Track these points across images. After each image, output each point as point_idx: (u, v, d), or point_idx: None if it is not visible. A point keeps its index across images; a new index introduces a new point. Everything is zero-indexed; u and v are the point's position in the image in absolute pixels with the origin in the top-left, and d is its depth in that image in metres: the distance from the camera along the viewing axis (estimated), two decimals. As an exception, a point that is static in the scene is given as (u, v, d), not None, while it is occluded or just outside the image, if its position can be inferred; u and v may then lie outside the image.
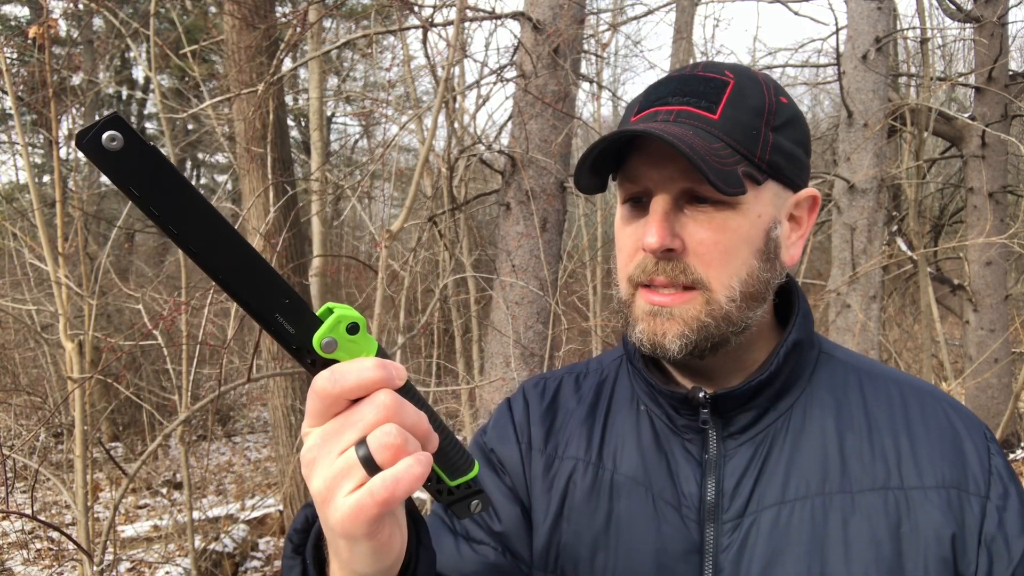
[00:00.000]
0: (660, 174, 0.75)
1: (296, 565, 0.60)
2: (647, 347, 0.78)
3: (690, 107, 0.76)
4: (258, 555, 5.70)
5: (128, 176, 0.44)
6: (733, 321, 0.77)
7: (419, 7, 3.68)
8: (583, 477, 0.86)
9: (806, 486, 0.77)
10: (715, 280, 0.76)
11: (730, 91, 0.77)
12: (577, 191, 6.74)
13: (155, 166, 0.45)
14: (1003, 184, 6.16)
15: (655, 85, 0.81)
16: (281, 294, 0.49)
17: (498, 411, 0.98)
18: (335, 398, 0.51)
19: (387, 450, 0.50)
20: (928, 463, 0.76)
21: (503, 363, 3.47)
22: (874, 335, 4.14)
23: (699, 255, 0.75)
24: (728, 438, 0.80)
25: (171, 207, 0.46)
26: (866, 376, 0.84)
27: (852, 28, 4.21)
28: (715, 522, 0.78)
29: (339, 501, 0.51)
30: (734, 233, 0.76)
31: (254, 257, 0.48)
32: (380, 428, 0.50)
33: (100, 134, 0.43)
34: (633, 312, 0.79)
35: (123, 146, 0.43)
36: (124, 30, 3.87)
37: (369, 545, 0.53)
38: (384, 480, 0.50)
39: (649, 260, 0.76)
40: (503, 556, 0.85)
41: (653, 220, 0.75)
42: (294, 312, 0.50)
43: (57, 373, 6.74)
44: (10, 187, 9.85)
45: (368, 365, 0.51)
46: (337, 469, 0.51)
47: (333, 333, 0.50)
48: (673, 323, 0.76)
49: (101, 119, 0.43)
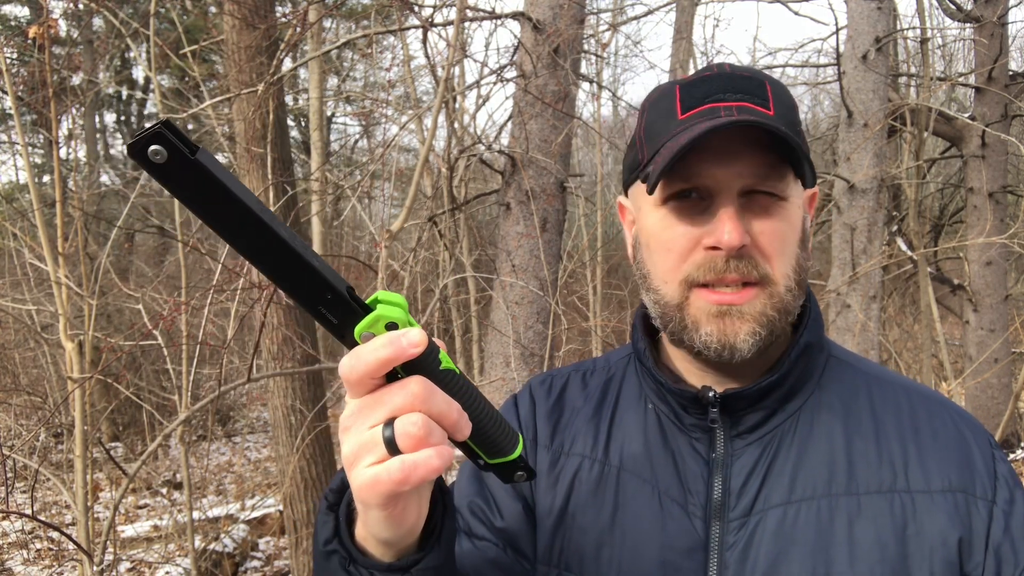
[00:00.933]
0: (727, 171, 0.74)
1: (329, 520, 0.64)
2: (715, 348, 0.76)
3: (747, 103, 0.76)
4: (258, 555, 5.70)
5: (174, 186, 0.47)
6: (789, 311, 0.78)
7: (419, 7, 3.68)
8: (589, 473, 0.86)
9: (812, 487, 0.77)
10: (777, 272, 0.76)
11: (771, 89, 0.78)
12: (585, 185, 6.70)
13: (199, 177, 0.46)
14: (1003, 184, 6.15)
15: (695, 83, 0.79)
16: (325, 290, 0.52)
17: (503, 407, 0.98)
18: (356, 380, 0.54)
19: (409, 439, 0.53)
20: (934, 468, 0.77)
21: (503, 363, 3.47)
22: (874, 335, 4.14)
23: (761, 248, 0.76)
24: (736, 437, 0.81)
25: (216, 215, 0.48)
26: (874, 381, 0.85)
27: (852, 28, 4.21)
28: (721, 520, 0.78)
29: (360, 470, 0.55)
30: (787, 224, 0.77)
31: (298, 258, 0.50)
32: (407, 416, 0.53)
33: (146, 147, 0.45)
34: (690, 314, 0.78)
35: (167, 159, 0.45)
36: (124, 30, 3.87)
37: (381, 514, 0.57)
38: (403, 464, 0.53)
39: (719, 259, 0.75)
40: (504, 552, 0.85)
41: (727, 218, 0.74)
42: (336, 305, 0.53)
43: (57, 373, 6.74)
44: (10, 187, 9.85)
45: (377, 345, 0.53)
46: (363, 441, 0.54)
47: (372, 329, 0.54)
48: (744, 322, 0.76)
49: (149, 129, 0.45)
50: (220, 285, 3.37)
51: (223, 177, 0.47)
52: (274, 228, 0.49)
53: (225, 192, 0.47)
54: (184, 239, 3.59)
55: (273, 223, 0.49)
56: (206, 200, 0.47)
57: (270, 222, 0.49)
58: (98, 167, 11.11)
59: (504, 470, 0.64)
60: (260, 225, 0.49)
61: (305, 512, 4.44)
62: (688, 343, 0.79)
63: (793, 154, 0.72)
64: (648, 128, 0.81)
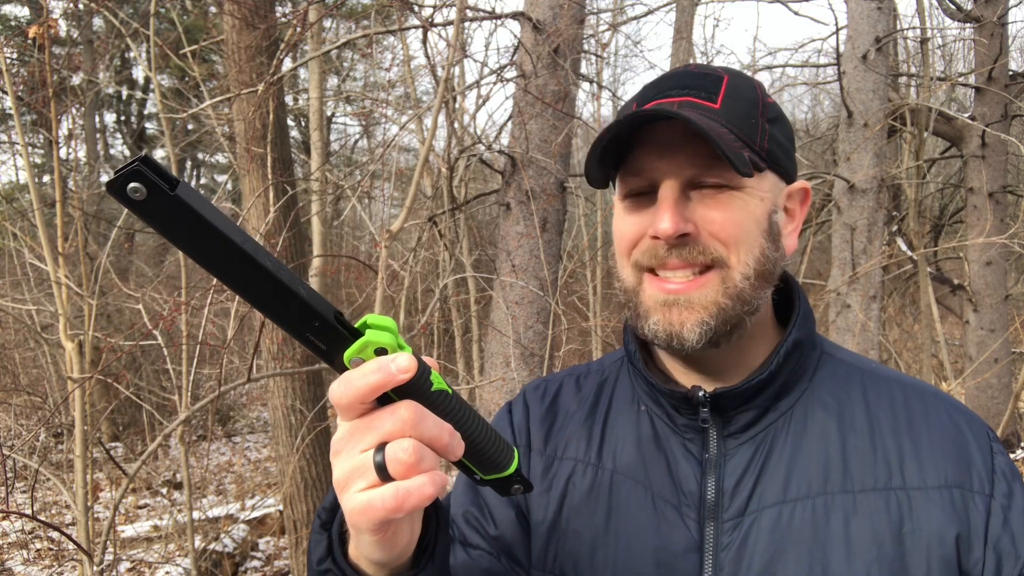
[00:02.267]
0: (668, 163, 0.76)
1: (323, 540, 0.64)
2: (662, 339, 0.77)
3: (692, 98, 0.77)
4: (258, 555, 5.70)
5: (155, 222, 0.46)
6: (747, 300, 0.77)
7: (419, 7, 3.68)
8: (582, 477, 0.86)
9: (807, 486, 0.77)
10: (733, 256, 0.76)
11: (726, 84, 0.79)
12: (578, 190, 6.65)
13: (179, 212, 0.46)
14: (1003, 184, 6.15)
15: (651, 83, 0.82)
16: (312, 318, 0.51)
17: (498, 415, 0.98)
18: (347, 406, 0.54)
19: (400, 465, 0.53)
20: (930, 463, 0.76)
21: (503, 363, 3.47)
22: (874, 335, 4.14)
23: (713, 234, 0.76)
24: (728, 437, 0.80)
25: (199, 249, 0.48)
26: (868, 377, 0.84)
27: (852, 28, 4.21)
28: (715, 521, 0.78)
29: (352, 495, 0.55)
30: (743, 211, 0.77)
31: (283, 287, 0.50)
32: (397, 443, 0.53)
33: (125, 184, 0.44)
34: (643, 302, 0.79)
35: (146, 196, 0.45)
36: (124, 30, 3.86)
37: (372, 538, 0.57)
38: (396, 491, 0.53)
39: (660, 247, 0.76)
40: (498, 560, 0.85)
41: (665, 207, 0.75)
42: (324, 333, 0.52)
43: (57, 373, 6.74)
44: (10, 187, 9.85)
45: (366, 371, 0.53)
46: (354, 465, 0.55)
47: (361, 355, 0.54)
48: (691, 311, 0.76)
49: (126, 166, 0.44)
50: (220, 285, 3.37)
51: (204, 211, 0.46)
52: (258, 259, 0.49)
53: (206, 226, 0.47)
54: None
55: (257, 254, 0.49)
56: (188, 234, 0.47)
57: (254, 253, 0.49)
58: (98, 167, 11.12)
59: (500, 485, 0.64)
60: (243, 257, 0.48)
61: (305, 512, 4.44)
62: (641, 331, 0.80)
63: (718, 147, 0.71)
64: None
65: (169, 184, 0.45)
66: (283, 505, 4.58)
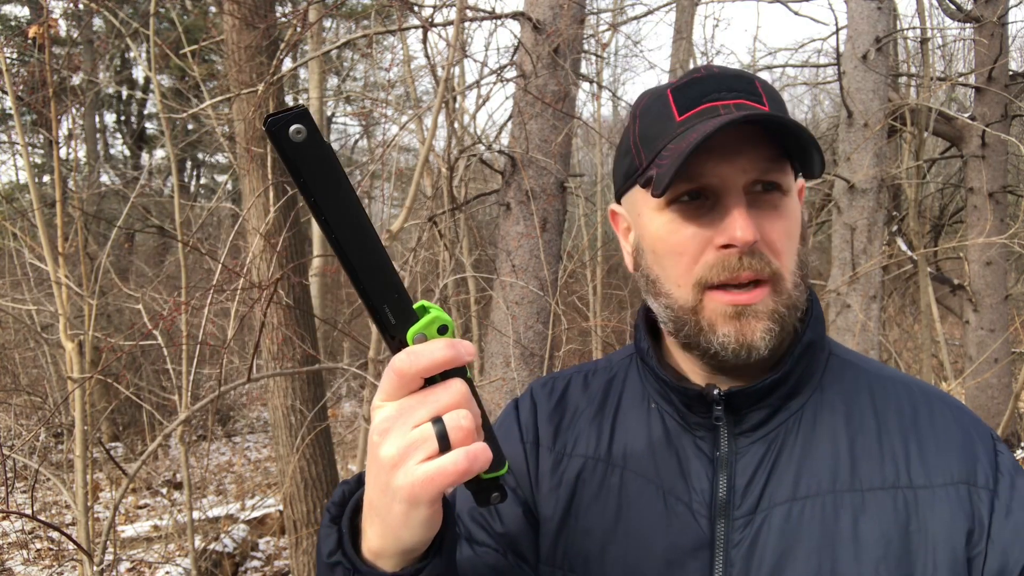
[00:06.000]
0: (731, 167, 0.75)
1: (333, 533, 0.64)
2: (733, 349, 0.76)
3: (743, 100, 0.76)
4: (258, 555, 5.70)
5: (300, 165, 0.50)
6: (797, 306, 0.78)
7: (419, 7, 3.68)
8: (592, 474, 0.86)
9: (817, 484, 0.77)
10: (785, 268, 0.77)
11: (761, 87, 0.79)
12: (586, 185, 6.69)
13: (326, 163, 0.50)
14: (1003, 184, 6.15)
15: (686, 84, 0.79)
16: (394, 291, 0.56)
17: (504, 411, 0.98)
18: (411, 376, 0.56)
19: (461, 431, 0.55)
20: (936, 462, 0.77)
21: (503, 363, 3.47)
22: (874, 335, 4.14)
23: (770, 244, 0.76)
24: (740, 435, 0.81)
25: (327, 201, 0.52)
26: (875, 379, 0.85)
27: (852, 28, 4.21)
28: (726, 518, 0.78)
29: (411, 467, 0.56)
30: (792, 219, 0.78)
31: (383, 257, 0.54)
32: (456, 412, 0.56)
33: (288, 124, 0.48)
34: (706, 317, 0.77)
35: (305, 139, 0.49)
36: (124, 30, 3.87)
37: (428, 512, 0.58)
38: (467, 454, 0.55)
39: (732, 257, 0.75)
40: (504, 558, 0.85)
41: (739, 215, 0.74)
42: (399, 307, 0.56)
43: (57, 373, 6.74)
44: (10, 187, 9.85)
45: (440, 345, 0.56)
46: (412, 439, 0.56)
47: (426, 330, 0.57)
48: (759, 320, 0.76)
49: (291, 109, 0.48)
50: (220, 285, 3.37)
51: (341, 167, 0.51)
52: (370, 225, 0.53)
53: (342, 180, 0.51)
54: (184, 239, 3.58)
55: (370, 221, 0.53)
56: (323, 185, 0.51)
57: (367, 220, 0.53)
58: (98, 167, 11.11)
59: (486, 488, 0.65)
60: (361, 218, 0.52)
61: (305, 512, 4.44)
62: (705, 346, 0.78)
63: (799, 142, 0.73)
64: (643, 133, 0.81)
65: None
66: (283, 505, 4.58)
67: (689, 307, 0.78)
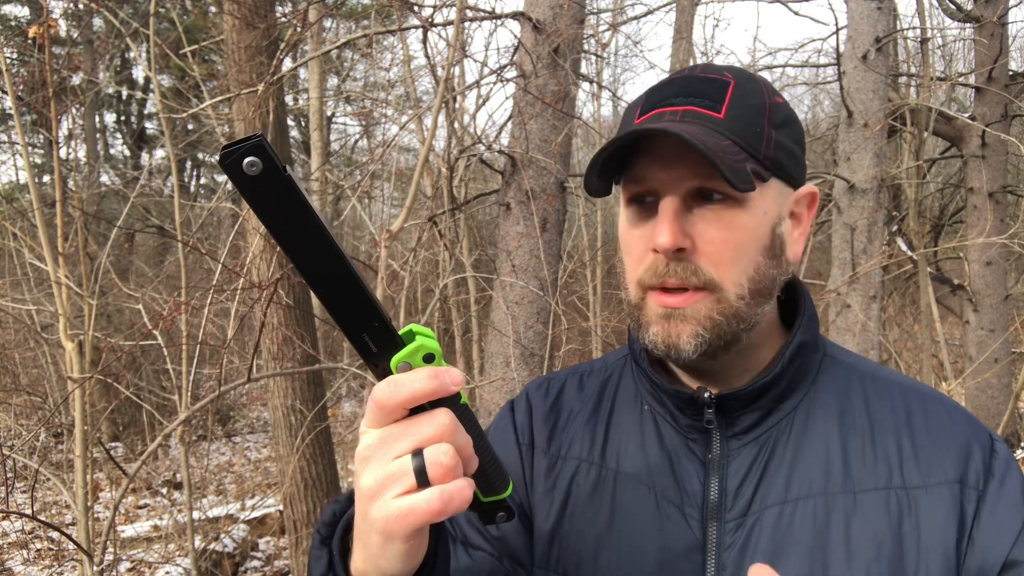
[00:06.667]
0: (669, 174, 0.75)
1: (323, 555, 0.64)
2: (661, 349, 0.78)
3: (695, 107, 0.76)
4: (258, 555, 5.70)
5: (259, 199, 0.47)
6: (743, 318, 0.77)
7: (419, 7, 3.68)
8: (586, 477, 0.86)
9: (808, 486, 0.77)
10: (726, 279, 0.76)
11: (732, 91, 0.77)
12: (585, 194, 6.69)
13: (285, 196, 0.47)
14: (1003, 184, 6.15)
15: (655, 88, 0.81)
16: (373, 319, 0.53)
17: (500, 413, 0.98)
18: (392, 408, 0.54)
19: (440, 468, 0.53)
20: (930, 463, 0.77)
21: (503, 363, 3.47)
22: (874, 335, 4.14)
23: (708, 255, 0.75)
24: (732, 438, 0.81)
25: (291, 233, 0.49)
26: (869, 379, 0.85)
27: (852, 28, 4.21)
28: (718, 521, 0.78)
29: (386, 501, 0.54)
30: (743, 230, 0.76)
31: (356, 285, 0.51)
32: (437, 446, 0.54)
33: (242, 157, 0.46)
34: (645, 315, 0.79)
35: (260, 172, 0.46)
36: (124, 30, 3.87)
37: (403, 547, 0.56)
38: (442, 494, 0.53)
39: (660, 262, 0.76)
40: (499, 562, 0.86)
41: (664, 220, 0.75)
42: (380, 335, 0.53)
43: (57, 373, 6.74)
44: (10, 187, 9.86)
45: (422, 376, 0.54)
46: (390, 472, 0.54)
47: (410, 359, 0.54)
48: (687, 324, 0.76)
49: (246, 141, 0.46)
50: (220, 285, 3.37)
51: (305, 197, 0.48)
52: (342, 252, 0.50)
53: (305, 210, 0.48)
54: (184, 239, 3.58)
55: (340, 248, 0.50)
56: (285, 217, 0.48)
57: (338, 246, 0.50)
58: (98, 167, 11.12)
59: (490, 510, 0.64)
60: (330, 248, 0.50)
61: (305, 512, 4.44)
62: (642, 341, 0.80)
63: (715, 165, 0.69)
64: (620, 130, 0.83)
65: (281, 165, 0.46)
66: (283, 505, 4.58)
67: (634, 304, 0.80)
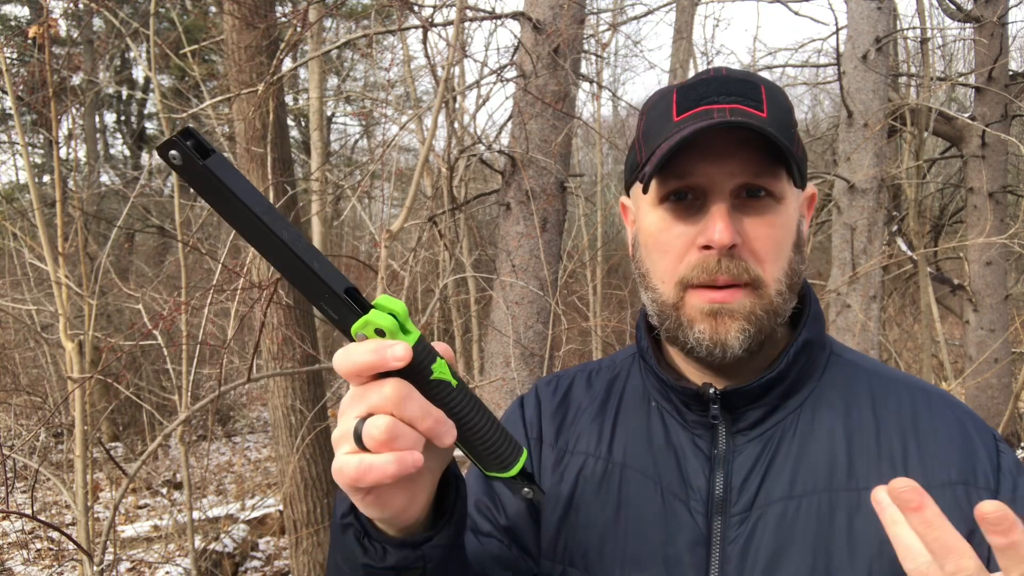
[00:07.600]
0: (720, 170, 0.76)
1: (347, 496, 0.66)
2: (707, 346, 0.78)
3: (740, 105, 0.77)
4: (258, 555, 5.70)
5: (192, 184, 0.52)
6: (779, 313, 0.79)
7: (419, 7, 3.68)
8: (593, 471, 0.88)
9: (813, 482, 0.78)
10: (768, 275, 0.77)
11: (765, 92, 0.79)
12: (586, 185, 6.68)
13: (210, 182, 0.51)
14: (1003, 184, 6.15)
15: (691, 86, 0.81)
16: (323, 290, 0.56)
17: (510, 408, 1.01)
18: (345, 374, 0.57)
19: (370, 440, 0.56)
20: (935, 463, 0.77)
21: (503, 363, 3.47)
22: (874, 335, 4.14)
23: (754, 251, 0.77)
24: (737, 434, 0.82)
25: (227, 214, 0.53)
26: (875, 378, 0.85)
27: (852, 28, 4.21)
28: (723, 515, 0.79)
29: (338, 455, 0.59)
30: (782, 228, 0.78)
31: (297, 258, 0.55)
32: (375, 419, 0.56)
33: (168, 149, 0.50)
34: (685, 313, 0.79)
35: (182, 163, 0.50)
36: (124, 30, 3.87)
37: (355, 497, 0.60)
38: (360, 464, 0.56)
39: (711, 259, 0.76)
40: (508, 549, 0.88)
41: (718, 217, 0.75)
42: (335, 304, 0.57)
43: (57, 373, 6.74)
44: (10, 187, 9.86)
45: (363, 350, 0.56)
46: (344, 430, 0.58)
47: (364, 331, 0.57)
48: (734, 320, 0.77)
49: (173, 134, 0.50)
50: (220, 285, 3.37)
51: (229, 182, 0.52)
52: (275, 231, 0.53)
53: (231, 196, 0.52)
54: (184, 239, 3.58)
55: (275, 226, 0.54)
56: (216, 201, 0.52)
57: (271, 225, 0.53)
58: (98, 167, 11.11)
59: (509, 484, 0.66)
60: (262, 228, 0.53)
61: (305, 512, 4.44)
62: (682, 340, 0.80)
63: (781, 154, 0.74)
64: (646, 131, 0.83)
65: (203, 155, 0.50)
66: (283, 505, 4.58)
67: (671, 303, 0.80)
